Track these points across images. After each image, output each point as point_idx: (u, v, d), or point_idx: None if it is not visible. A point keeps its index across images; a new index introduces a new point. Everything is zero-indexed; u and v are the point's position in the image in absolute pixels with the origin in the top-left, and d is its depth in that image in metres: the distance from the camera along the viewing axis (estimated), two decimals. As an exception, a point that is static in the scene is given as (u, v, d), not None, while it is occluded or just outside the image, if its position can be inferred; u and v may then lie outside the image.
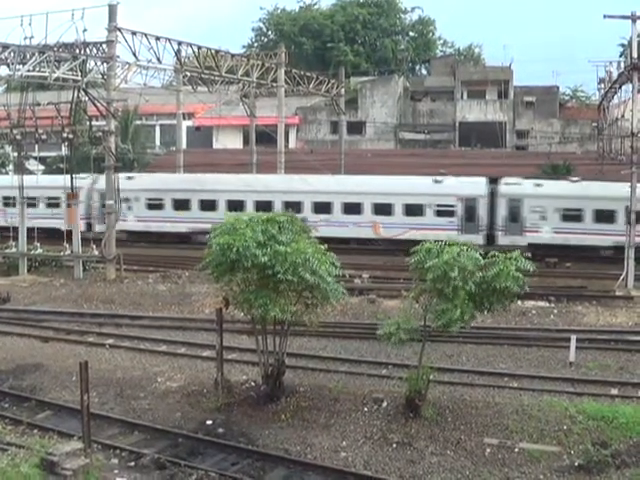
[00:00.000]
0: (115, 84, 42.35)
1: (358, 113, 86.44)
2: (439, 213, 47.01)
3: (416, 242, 22.18)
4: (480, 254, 21.31)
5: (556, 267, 43.31)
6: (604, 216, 44.97)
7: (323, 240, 23.01)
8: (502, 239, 46.83)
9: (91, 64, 41.75)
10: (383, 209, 48.53)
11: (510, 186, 48.07)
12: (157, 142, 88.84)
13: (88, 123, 44.52)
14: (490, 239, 47.17)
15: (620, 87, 51.65)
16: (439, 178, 48.17)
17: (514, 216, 47.00)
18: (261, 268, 21.30)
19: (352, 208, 49.14)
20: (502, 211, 47.33)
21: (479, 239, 45.25)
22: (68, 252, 43.23)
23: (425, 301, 22.04)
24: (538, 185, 47.91)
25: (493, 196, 47.88)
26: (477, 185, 48.66)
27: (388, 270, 42.10)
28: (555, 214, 46.08)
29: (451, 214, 47.45)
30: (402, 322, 21.68)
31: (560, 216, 46.10)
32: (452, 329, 21.05)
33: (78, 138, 44.76)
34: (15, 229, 44.00)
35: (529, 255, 21.85)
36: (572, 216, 45.66)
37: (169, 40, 45.93)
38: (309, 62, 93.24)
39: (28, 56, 38.41)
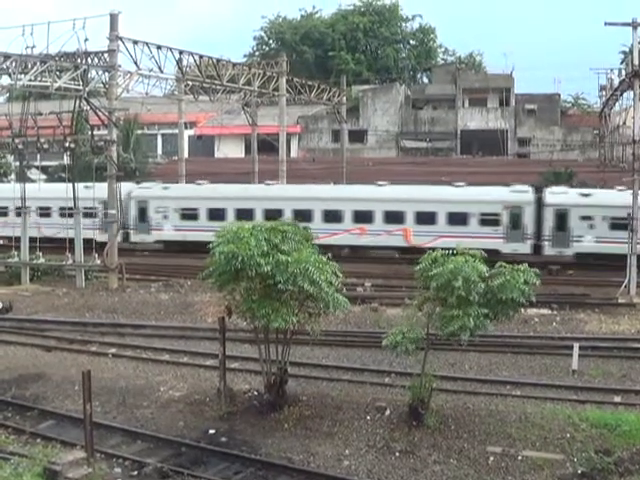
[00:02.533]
0: (117, 93, 42.46)
1: (360, 121, 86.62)
2: (85, 215, 49.61)
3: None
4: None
5: (558, 274, 43.29)
6: (216, 214, 50.36)
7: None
8: (134, 237, 53.88)
9: (93, 73, 41.94)
10: (44, 212, 53.93)
11: (141, 190, 54.39)
12: (159, 151, 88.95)
13: (90, 132, 44.54)
14: (126, 237, 52.47)
15: (621, 94, 51.81)
16: (90, 185, 49.96)
17: (143, 216, 53.26)
18: (263, 277, 21.31)
19: None
20: (133, 212, 53.06)
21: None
22: (70, 261, 43.26)
23: (428, 309, 22.02)
24: (165, 188, 54.96)
25: (129, 200, 52.91)
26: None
27: (390, 278, 42.12)
28: (175, 214, 52.29)
29: (94, 215, 51.28)
30: (407, 331, 21.65)
31: (179, 215, 52.42)
32: (463, 337, 20.90)
33: (80, 147, 44.90)
34: None
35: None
36: (189, 215, 51.91)
37: (170, 49, 46.13)
38: (310, 71, 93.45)
39: (30, 66, 38.55)
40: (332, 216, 48.98)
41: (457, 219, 46.85)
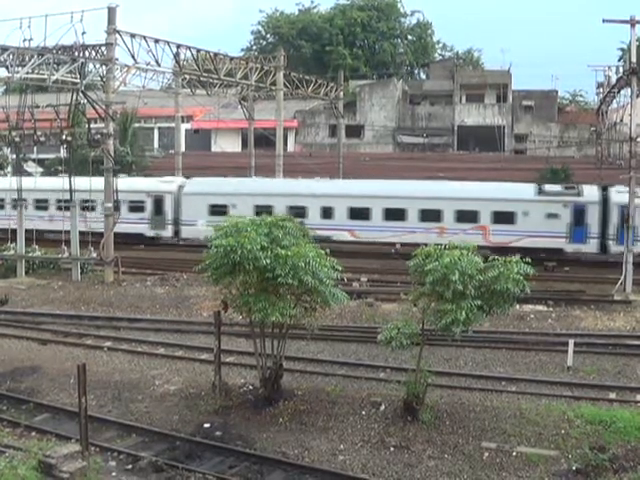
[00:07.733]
0: (114, 86, 42.38)
1: (357, 116, 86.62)
2: None
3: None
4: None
5: (554, 271, 43.30)
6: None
7: None
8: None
9: (90, 66, 41.84)
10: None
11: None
12: (155, 145, 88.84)
13: (87, 125, 44.46)
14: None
15: (619, 91, 51.85)
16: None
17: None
18: (261, 271, 21.28)
19: None
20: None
21: None
22: (66, 254, 43.20)
23: (424, 304, 22.01)
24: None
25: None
26: None
27: (386, 273, 42.11)
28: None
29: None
30: (402, 326, 21.65)
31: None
32: (456, 330, 20.84)
33: (77, 140, 44.84)
34: None
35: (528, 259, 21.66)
36: None
37: (168, 43, 45.99)
38: (308, 65, 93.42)
39: (27, 58, 38.50)
40: None
41: None
